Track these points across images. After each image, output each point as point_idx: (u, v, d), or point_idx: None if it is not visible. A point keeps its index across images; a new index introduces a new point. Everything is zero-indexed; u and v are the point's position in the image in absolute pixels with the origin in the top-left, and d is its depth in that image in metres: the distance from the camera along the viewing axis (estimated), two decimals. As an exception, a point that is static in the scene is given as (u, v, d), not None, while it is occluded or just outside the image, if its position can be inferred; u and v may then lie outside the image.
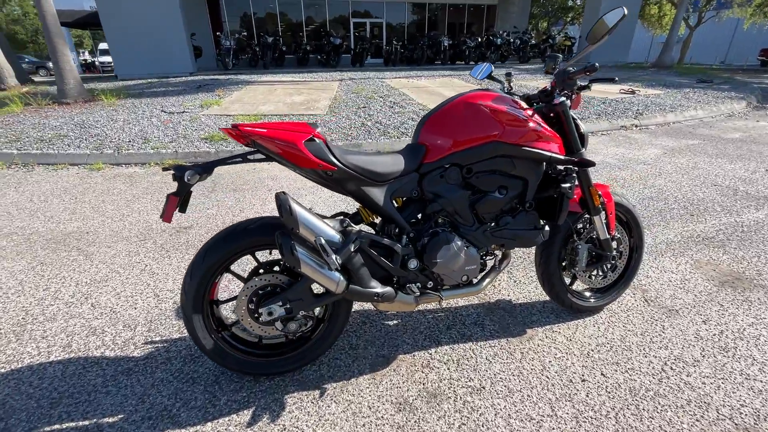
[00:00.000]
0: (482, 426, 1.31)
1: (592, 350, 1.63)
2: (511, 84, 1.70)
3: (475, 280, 1.57)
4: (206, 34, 14.98)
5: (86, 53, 34.08)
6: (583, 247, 1.71)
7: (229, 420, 1.34)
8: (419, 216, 1.50)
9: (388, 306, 1.45)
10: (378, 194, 1.38)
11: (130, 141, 4.89)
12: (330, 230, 1.29)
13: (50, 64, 24.35)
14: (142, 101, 7.03)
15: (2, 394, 1.46)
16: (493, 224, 1.52)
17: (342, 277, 1.30)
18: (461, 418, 1.34)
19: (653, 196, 3.30)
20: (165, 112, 6.25)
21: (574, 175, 1.53)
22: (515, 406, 1.38)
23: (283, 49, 15.30)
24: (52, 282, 2.19)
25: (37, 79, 15.25)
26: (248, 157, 1.34)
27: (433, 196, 1.44)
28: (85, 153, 4.55)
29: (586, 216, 1.70)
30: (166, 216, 1.23)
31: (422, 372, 1.54)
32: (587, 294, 1.86)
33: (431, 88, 8.82)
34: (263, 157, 1.31)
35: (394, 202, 1.46)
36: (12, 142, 4.87)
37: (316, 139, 1.30)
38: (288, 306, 1.36)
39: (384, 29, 17.94)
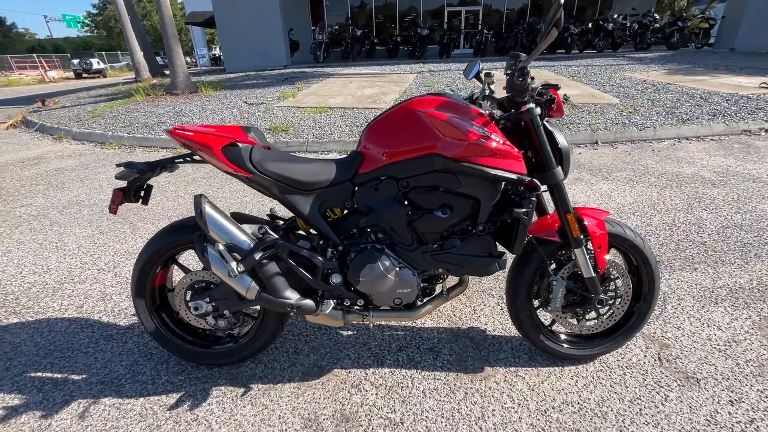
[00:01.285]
0: (378, 466, 1.20)
1: (553, 408, 1.37)
2: (491, 86, 1.47)
3: (413, 304, 1.42)
4: (306, 28, 16.06)
5: (217, 49, 39.46)
6: (559, 283, 1.43)
7: (158, 399, 1.45)
8: (355, 230, 1.40)
9: (313, 318, 1.40)
10: (303, 203, 1.33)
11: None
12: (241, 236, 1.29)
13: (188, 59, 28.92)
14: (232, 93, 7.87)
15: (21, 338, 1.80)
16: (435, 246, 1.35)
17: (253, 284, 1.29)
18: (361, 452, 1.24)
19: (743, 223, 2.60)
20: (246, 103, 6.90)
21: (534, 198, 1.27)
22: (427, 452, 1.23)
23: (375, 41, 15.62)
24: (98, 249, 2.61)
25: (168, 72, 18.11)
26: (195, 158, 1.41)
27: (367, 209, 1.34)
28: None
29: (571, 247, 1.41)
30: (111, 208, 1.36)
31: (348, 392, 1.46)
32: (568, 339, 1.56)
33: (512, 81, 8.16)
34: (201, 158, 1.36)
35: (331, 212, 1.40)
36: (126, 127, 5.89)
37: (239, 143, 1.30)
38: (214, 304, 1.40)
39: (480, 17, 17.09)
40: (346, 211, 1.42)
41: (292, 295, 1.34)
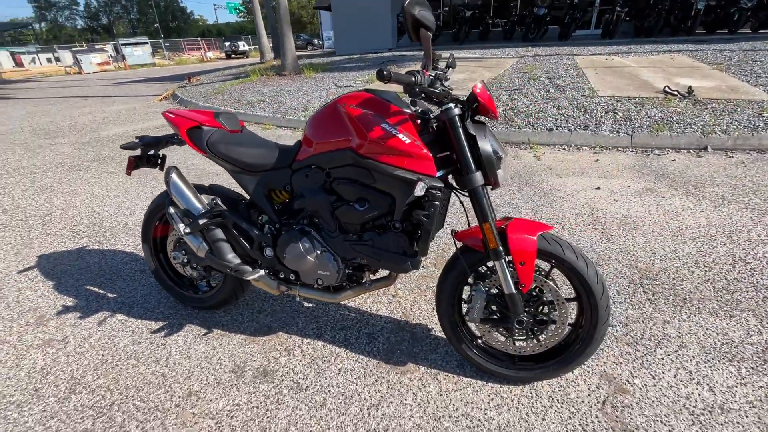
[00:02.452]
0: (266, 419, 1.37)
1: (450, 417, 1.34)
2: (443, 81, 1.42)
3: (335, 287, 1.52)
4: (419, 10, 16.01)
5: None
6: (478, 294, 1.35)
7: (148, 323, 1.85)
8: (293, 212, 1.54)
9: (255, 283, 1.60)
10: (249, 182, 1.52)
11: (296, 108, 6.12)
12: (196, 203, 1.54)
13: (316, 41, 31.50)
14: (329, 75, 8.46)
15: (94, 260, 2.42)
16: (355, 236, 1.41)
17: (203, 244, 1.55)
18: (258, 404, 1.42)
19: None
20: (336, 85, 7.38)
21: (437, 201, 1.23)
22: (313, 420, 1.35)
23: (491, 22, 14.78)
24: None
25: (302, 53, 20.03)
26: (177, 137, 1.70)
27: (300, 194, 1.46)
28: (265, 115, 6.02)
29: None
30: (127, 171, 1.75)
31: (279, 353, 1.65)
32: (494, 354, 1.47)
33: (630, 69, 7.01)
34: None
35: (278, 194, 1.56)
36: (235, 103, 6.89)
37: (203, 127, 1.55)
38: (188, 257, 1.71)
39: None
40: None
41: (233, 260, 1.56)
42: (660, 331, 1.66)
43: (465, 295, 1.45)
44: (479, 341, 1.48)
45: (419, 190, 1.20)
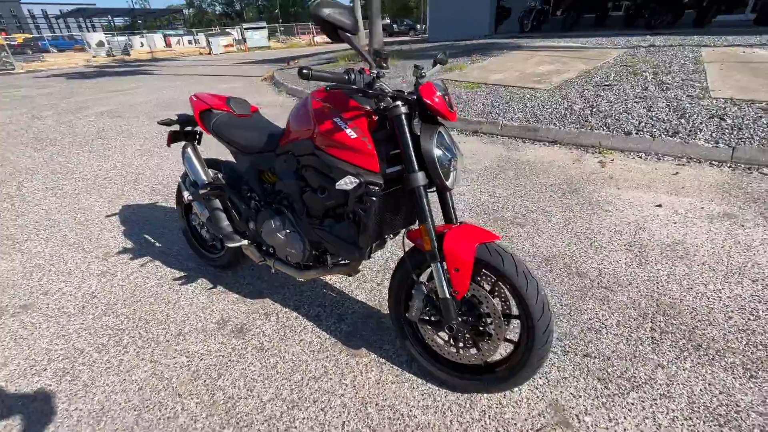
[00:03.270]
0: (225, 367, 1.58)
1: (376, 406, 1.39)
2: (420, 79, 1.42)
3: (300, 264, 1.64)
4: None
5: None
6: (418, 292, 1.35)
7: (174, 272, 2.22)
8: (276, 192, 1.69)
9: (244, 250, 1.82)
10: (243, 162, 1.71)
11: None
12: (202, 176, 1.79)
13: (419, 27, 31.51)
14: (408, 63, 8.46)
15: (154, 215, 2.93)
16: (317, 221, 1.52)
17: (205, 211, 1.80)
18: (225, 354, 1.64)
19: None
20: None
21: (373, 197, 1.25)
22: (260, 378, 1.52)
23: (609, 6, 13.13)
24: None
25: (401, 39, 20.25)
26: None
27: (279, 177, 1.61)
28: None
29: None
30: (167, 143, 2.08)
31: (259, 316, 1.85)
32: (435, 357, 1.45)
33: (770, 66, 5.69)
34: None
35: (268, 175, 1.73)
36: (311, 86, 7.36)
37: (213, 110, 1.77)
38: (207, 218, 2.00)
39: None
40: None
41: (226, 228, 1.79)
42: (646, 374, 1.46)
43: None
44: (423, 340, 1.49)
45: (347, 183, 1.24)
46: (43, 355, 1.68)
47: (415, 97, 1.22)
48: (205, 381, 1.52)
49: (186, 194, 1.82)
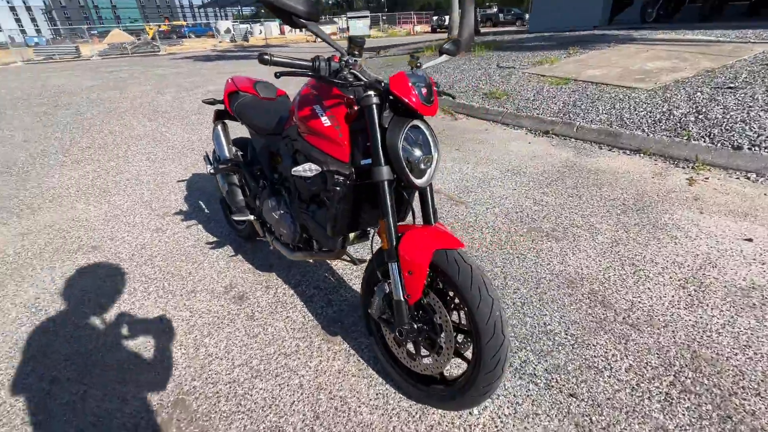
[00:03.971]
0: (215, 328, 1.73)
1: (329, 394, 1.40)
2: (413, 69, 1.35)
3: (292, 245, 1.70)
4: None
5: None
6: (379, 291, 1.31)
7: (206, 236, 2.48)
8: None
9: (254, 224, 1.95)
10: (257, 142, 1.82)
11: (441, 86, 6.16)
12: (225, 152, 1.95)
13: (527, 16, 29.42)
14: (499, 54, 7.98)
15: (211, 185, 3.28)
16: (304, 205, 1.55)
17: (225, 184, 1.97)
18: (219, 316, 1.80)
19: None
20: (499, 66, 6.96)
21: (337, 187, 1.23)
22: (240, 343, 1.64)
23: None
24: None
25: (507, 29, 19.23)
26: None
27: (282, 159, 1.68)
28: (411, 90, 6.29)
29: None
30: (213, 121, 2.30)
31: (261, 286, 1.98)
32: (395, 359, 1.40)
33: None
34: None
35: (279, 155, 1.82)
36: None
37: (240, 92, 1.90)
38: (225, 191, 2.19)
39: None
40: None
41: (239, 202, 1.93)
42: (645, 428, 1.22)
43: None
44: (384, 340, 1.44)
45: (305, 171, 1.24)
46: (96, 290, 2.02)
47: (384, 87, 1.16)
48: (195, 336, 1.69)
49: (209, 168, 2.01)
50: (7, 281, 2.11)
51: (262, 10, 55.12)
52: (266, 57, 1.07)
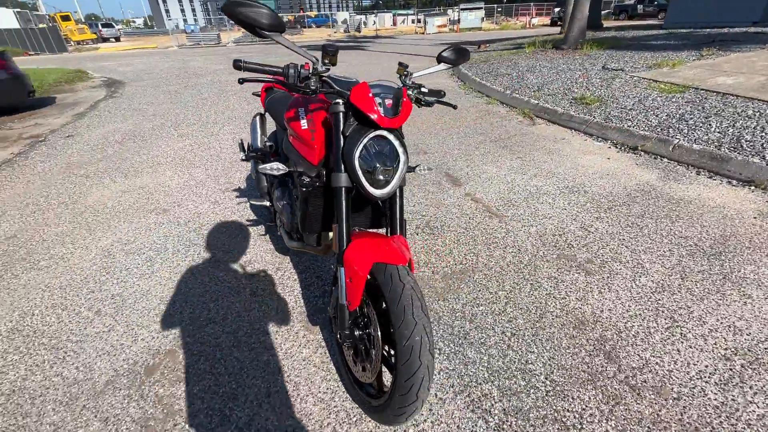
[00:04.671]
0: (219, 297, 1.96)
1: (288, 377, 1.50)
2: (404, 77, 1.35)
3: (292, 234, 1.82)
4: None
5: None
6: (334, 291, 1.34)
7: (233, 210, 2.77)
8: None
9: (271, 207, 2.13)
10: (281, 136, 1.97)
11: (531, 87, 5.73)
12: (258, 142, 2.14)
13: (639, 7, 25.30)
14: (610, 53, 7.05)
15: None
16: (299, 199, 1.65)
17: (254, 171, 2.17)
18: (224, 288, 2.02)
19: None
20: (604, 67, 6.17)
21: (303, 188, 1.28)
22: (232, 314, 1.84)
23: None
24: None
25: (644, 22, 16.89)
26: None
27: (289, 153, 1.80)
28: (495, 89, 5.97)
29: None
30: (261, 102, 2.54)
31: (271, 267, 2.16)
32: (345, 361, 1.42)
33: None
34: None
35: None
36: (485, 74, 7.07)
37: (274, 89, 2.07)
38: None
39: None
40: None
41: (262, 188, 2.12)
42: None
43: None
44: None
45: (272, 169, 1.32)
46: (152, 245, 2.44)
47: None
48: (205, 300, 1.94)
49: (241, 154, 2.23)
50: (97, 228, 2.66)
51: (380, 1, 56.83)
52: (240, 63, 1.17)
